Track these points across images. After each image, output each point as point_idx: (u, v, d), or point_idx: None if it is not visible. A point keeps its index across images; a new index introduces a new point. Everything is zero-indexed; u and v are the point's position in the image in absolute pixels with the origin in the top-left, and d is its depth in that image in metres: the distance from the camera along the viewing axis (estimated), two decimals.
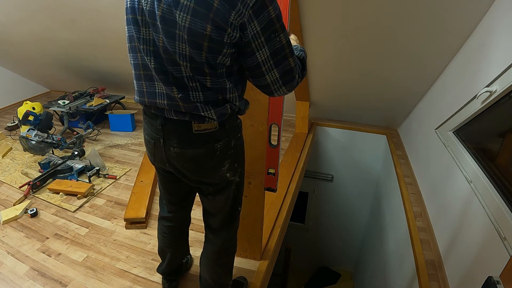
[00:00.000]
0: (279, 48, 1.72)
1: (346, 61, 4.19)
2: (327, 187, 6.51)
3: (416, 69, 3.98)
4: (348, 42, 3.87)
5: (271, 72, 1.77)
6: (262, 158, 2.68)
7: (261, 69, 1.76)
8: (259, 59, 1.73)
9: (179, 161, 2.00)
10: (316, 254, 7.48)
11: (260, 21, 1.64)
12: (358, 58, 4.08)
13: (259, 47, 1.70)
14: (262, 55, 1.72)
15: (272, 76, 1.78)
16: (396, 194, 4.33)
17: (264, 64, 1.74)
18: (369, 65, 4.14)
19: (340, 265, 7.46)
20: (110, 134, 5.56)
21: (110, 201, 3.86)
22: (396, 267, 3.95)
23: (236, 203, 2.28)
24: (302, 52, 1.94)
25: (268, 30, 1.67)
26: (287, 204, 3.85)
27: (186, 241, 2.72)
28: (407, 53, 3.78)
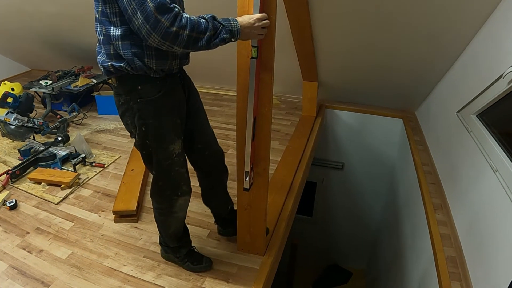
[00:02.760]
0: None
1: (359, 37, 4.17)
2: (337, 176, 6.50)
3: (436, 44, 3.95)
4: (362, 16, 3.84)
5: (135, 15, 1.97)
6: (266, 142, 2.67)
7: (127, 12, 1.99)
8: (124, 1, 1.98)
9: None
10: (325, 250, 7.49)
11: None
12: (372, 34, 4.06)
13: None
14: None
15: (138, 20, 1.97)
16: (414, 184, 4.31)
17: (128, 6, 1.97)
18: (385, 41, 4.11)
19: (351, 263, 7.48)
20: (98, 117, 5.56)
21: (97, 192, 3.85)
22: (413, 265, 3.94)
23: (146, 163, 2.60)
24: (215, 23, 2.14)
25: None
26: (293, 195, 3.84)
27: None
28: (426, 27, 3.75)
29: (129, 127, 2.49)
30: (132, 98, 2.33)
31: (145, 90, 2.31)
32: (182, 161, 2.58)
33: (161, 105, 2.36)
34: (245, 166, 2.65)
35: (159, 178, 2.61)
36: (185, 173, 2.63)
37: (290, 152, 4.60)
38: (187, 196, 2.71)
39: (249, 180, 2.71)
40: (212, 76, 6.17)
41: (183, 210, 2.77)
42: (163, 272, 2.92)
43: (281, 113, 5.73)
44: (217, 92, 6.51)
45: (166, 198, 2.67)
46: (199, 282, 2.84)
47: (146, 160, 2.58)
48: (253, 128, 2.57)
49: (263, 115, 2.57)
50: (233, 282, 2.84)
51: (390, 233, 5.49)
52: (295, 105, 6.01)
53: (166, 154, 2.48)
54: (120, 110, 2.44)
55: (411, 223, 4.36)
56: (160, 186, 2.64)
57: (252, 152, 2.63)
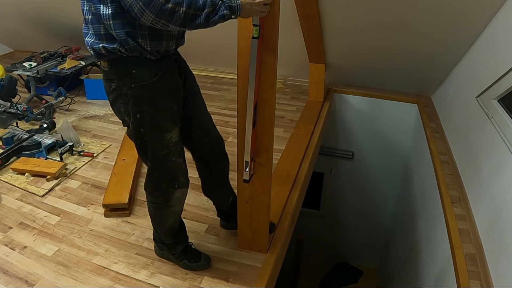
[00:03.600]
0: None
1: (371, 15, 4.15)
2: (346, 167, 6.50)
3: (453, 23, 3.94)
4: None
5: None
6: (269, 130, 2.66)
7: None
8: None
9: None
10: (333, 246, 7.51)
11: None
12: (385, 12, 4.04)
13: None
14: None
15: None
16: (430, 175, 4.31)
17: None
18: (399, 20, 4.10)
19: (362, 260, 7.49)
20: (86, 103, 5.56)
21: (86, 183, 3.86)
22: (429, 263, 3.95)
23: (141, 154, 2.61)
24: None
25: None
26: (298, 186, 3.84)
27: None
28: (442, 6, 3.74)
29: (121, 115, 2.48)
30: (126, 83, 2.32)
31: (140, 74, 2.30)
32: (179, 151, 2.58)
33: (157, 90, 2.35)
34: (245, 156, 2.64)
35: (155, 169, 2.61)
36: (182, 163, 2.63)
37: (295, 140, 4.60)
38: (184, 188, 2.70)
39: (249, 171, 2.70)
40: (210, 58, 6.16)
41: (180, 203, 2.77)
42: (157, 270, 2.92)
43: (285, 98, 5.72)
44: (216, 75, 6.50)
45: (161, 191, 2.66)
46: (197, 281, 2.84)
47: (141, 150, 2.57)
48: (255, 114, 2.56)
49: (265, 100, 2.56)
50: (234, 281, 2.85)
51: (404, 228, 5.49)
52: (300, 89, 6.00)
53: (162, 143, 2.48)
54: (111, 96, 2.42)
55: (426, 218, 4.36)
56: (155, 178, 2.63)
57: (253, 140, 2.62)
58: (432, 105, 5.44)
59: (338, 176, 6.64)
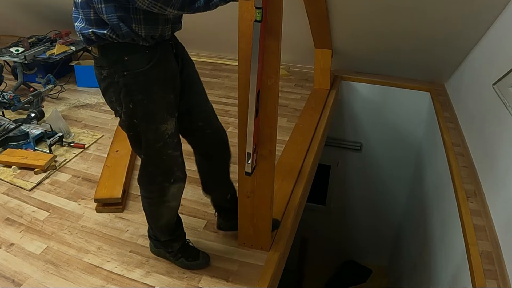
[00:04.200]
0: None
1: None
2: (354, 159, 6.51)
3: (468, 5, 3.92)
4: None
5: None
6: (272, 119, 2.65)
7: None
8: None
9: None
10: (340, 244, 7.52)
11: None
12: None
13: None
14: None
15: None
16: (443, 168, 4.31)
17: None
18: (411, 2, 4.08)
19: (371, 259, 7.51)
20: (77, 90, 5.56)
21: (76, 176, 3.85)
22: (443, 261, 3.95)
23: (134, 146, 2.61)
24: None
25: None
26: (303, 180, 3.84)
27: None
28: None
29: (113, 105, 2.46)
30: (117, 70, 2.30)
31: (132, 61, 2.28)
32: (175, 143, 2.57)
33: (151, 78, 2.34)
34: (247, 147, 2.63)
35: (149, 162, 2.60)
36: (179, 156, 2.62)
37: (300, 130, 4.59)
38: (181, 183, 2.70)
39: (252, 163, 2.69)
40: (210, 43, 6.15)
41: (176, 199, 2.76)
42: (152, 269, 2.92)
43: (289, 86, 5.72)
44: (215, 61, 6.49)
45: (156, 185, 2.65)
46: (195, 281, 2.84)
47: (134, 142, 2.56)
48: (257, 103, 2.54)
49: (268, 87, 2.55)
50: (234, 281, 2.84)
51: (416, 224, 5.49)
52: (305, 76, 6.00)
53: (157, 135, 2.47)
54: (103, 84, 2.40)
55: (440, 213, 4.36)
56: (150, 172, 2.63)
57: (255, 131, 2.61)
58: (445, 93, 5.44)
59: (345, 169, 6.65)
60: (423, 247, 4.80)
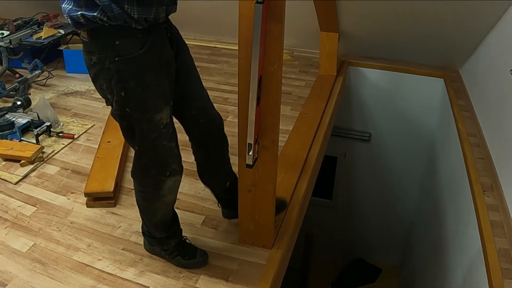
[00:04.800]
0: None
1: None
2: (362, 150, 6.51)
3: None
4: None
5: None
6: (275, 108, 2.64)
7: None
8: None
9: None
10: (347, 241, 7.53)
11: None
12: None
13: None
14: None
15: None
16: (458, 160, 4.30)
17: None
18: None
19: (380, 257, 7.51)
20: (66, 77, 5.55)
21: (65, 169, 3.85)
22: (457, 260, 3.95)
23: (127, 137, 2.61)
24: None
25: None
26: (308, 173, 3.83)
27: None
28: None
29: (104, 93, 2.45)
30: (108, 56, 2.28)
31: (124, 46, 2.26)
32: (171, 133, 2.56)
33: (144, 64, 2.32)
34: (248, 138, 2.62)
35: (143, 154, 2.59)
36: (174, 148, 2.62)
37: (304, 119, 4.59)
38: (177, 176, 2.69)
39: (253, 154, 2.68)
40: (208, 26, 6.15)
41: (172, 193, 2.76)
42: (146, 268, 2.92)
43: (293, 72, 5.72)
44: (214, 46, 6.48)
45: (151, 179, 2.65)
46: (192, 280, 2.84)
47: (127, 132, 2.56)
48: (259, 91, 2.53)
49: (271, 74, 2.54)
50: (234, 281, 2.84)
51: (428, 220, 5.49)
52: (310, 61, 5.99)
53: (151, 125, 2.46)
54: (92, 71, 2.38)
55: (454, 208, 4.36)
56: (144, 164, 2.62)
57: (257, 120, 2.60)
58: (460, 80, 5.43)
59: (353, 161, 6.65)
60: (436, 245, 4.80)
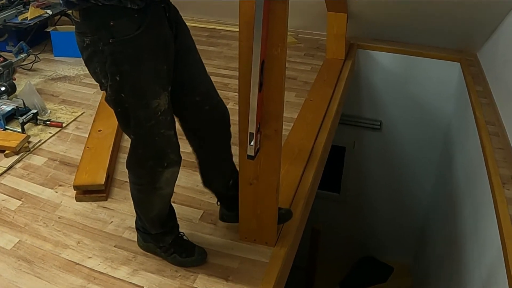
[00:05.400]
0: None
1: None
2: (373, 139, 6.51)
3: None
4: None
5: None
6: (278, 94, 2.62)
7: None
8: None
9: None
10: (357, 238, 7.55)
11: None
12: None
13: None
14: None
15: None
16: (475, 150, 4.30)
17: None
18: None
19: (392, 255, 7.52)
20: (53, 61, 5.56)
21: (53, 159, 3.85)
22: (475, 258, 3.95)
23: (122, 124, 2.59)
24: None
25: None
26: (314, 164, 3.83)
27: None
28: None
29: (98, 77, 2.43)
30: (102, 37, 2.26)
31: (119, 27, 2.24)
32: (169, 121, 2.55)
33: (141, 47, 2.31)
34: (250, 126, 2.61)
35: (139, 143, 2.58)
36: (173, 136, 2.60)
37: (310, 107, 4.59)
38: (175, 167, 2.68)
39: (255, 144, 2.67)
40: (206, 6, 6.14)
41: (169, 185, 2.75)
42: (140, 267, 2.91)
43: (298, 55, 5.71)
44: (213, 27, 6.48)
45: (147, 170, 2.64)
46: (189, 280, 2.83)
47: (122, 120, 2.54)
48: (261, 76, 2.52)
49: (274, 57, 2.52)
50: (235, 280, 2.83)
51: (444, 215, 5.49)
52: (317, 44, 5.99)
53: (148, 112, 2.45)
54: (85, 54, 2.36)
55: (471, 202, 4.36)
56: (140, 155, 2.61)
57: (259, 108, 2.59)
58: (478, 64, 5.42)
59: (363, 151, 6.66)
60: (452, 242, 4.80)
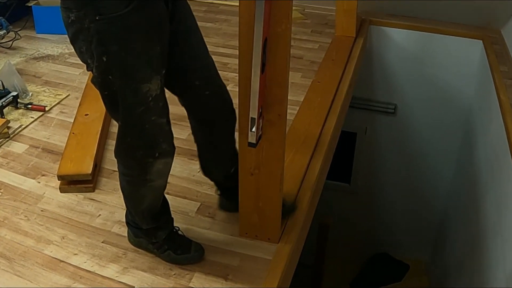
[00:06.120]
0: None
1: None
2: (387, 124, 6.51)
3: None
4: None
5: None
6: (283, 75, 2.60)
7: None
8: None
9: None
10: (369, 232, 7.56)
11: None
12: None
13: None
14: None
15: None
16: (499, 135, 4.29)
17: None
18: None
19: (408, 252, 7.54)
20: (36, 38, 5.56)
21: (35, 147, 3.85)
22: (498, 255, 3.95)
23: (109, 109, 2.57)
24: None
25: None
26: (322, 152, 3.83)
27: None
28: None
29: (84, 56, 2.41)
30: (88, 14, 2.22)
31: (107, 3, 2.21)
32: (161, 107, 2.52)
33: (130, 26, 2.28)
34: (251, 111, 2.59)
35: (128, 131, 2.56)
36: (165, 125, 2.58)
37: (317, 89, 4.58)
38: (168, 157, 2.66)
39: (256, 131, 2.66)
40: None
41: (162, 177, 2.74)
42: (131, 264, 2.91)
43: (304, 32, 5.71)
44: (211, 1, 6.48)
45: (137, 160, 2.62)
46: (185, 279, 2.82)
47: (109, 104, 2.52)
48: (263, 56, 2.51)
49: (278, 35, 2.50)
50: (235, 279, 2.82)
51: (465, 208, 5.50)
52: (325, 20, 5.98)
53: (138, 97, 2.42)
54: (70, 31, 2.34)
55: (495, 193, 4.36)
56: (129, 143, 2.59)
57: (261, 90, 2.57)
58: (502, 42, 5.41)
59: (375, 138, 6.66)
60: (474, 237, 4.80)
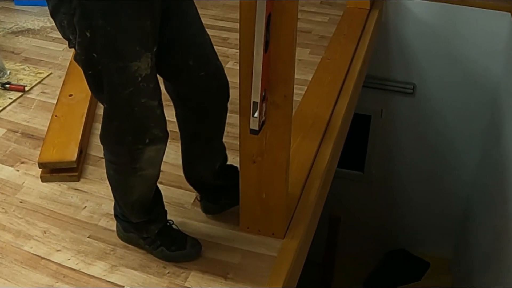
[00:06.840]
0: None
1: None
2: (404, 106, 6.51)
3: None
4: None
5: None
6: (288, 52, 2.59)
7: None
8: None
9: None
10: (385, 227, 7.56)
11: None
12: None
13: None
14: None
15: None
16: None
17: None
18: None
19: (428, 247, 7.53)
20: (14, 10, 5.57)
21: (13, 131, 3.86)
22: None
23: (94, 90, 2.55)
24: None
25: None
26: (332, 137, 3.82)
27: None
28: None
29: (65, 31, 2.39)
30: None
31: None
32: (152, 89, 2.48)
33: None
34: (253, 94, 2.58)
35: (115, 114, 2.53)
36: (156, 108, 2.54)
37: (328, 67, 4.57)
38: (160, 144, 2.63)
39: (259, 116, 2.64)
40: None
41: (153, 165, 2.72)
42: (120, 262, 2.91)
43: (313, 4, 5.70)
44: None
45: (126, 146, 2.59)
46: (180, 278, 2.82)
47: (94, 84, 2.49)
48: (267, 31, 2.50)
49: (283, 8, 2.48)
50: (236, 278, 2.82)
51: (491, 199, 5.49)
52: None
53: (125, 77, 2.39)
54: (51, 3, 2.32)
55: None
56: (116, 128, 2.56)
57: (265, 70, 2.55)
58: None
59: (392, 121, 6.65)
60: (502, 232, 4.81)
